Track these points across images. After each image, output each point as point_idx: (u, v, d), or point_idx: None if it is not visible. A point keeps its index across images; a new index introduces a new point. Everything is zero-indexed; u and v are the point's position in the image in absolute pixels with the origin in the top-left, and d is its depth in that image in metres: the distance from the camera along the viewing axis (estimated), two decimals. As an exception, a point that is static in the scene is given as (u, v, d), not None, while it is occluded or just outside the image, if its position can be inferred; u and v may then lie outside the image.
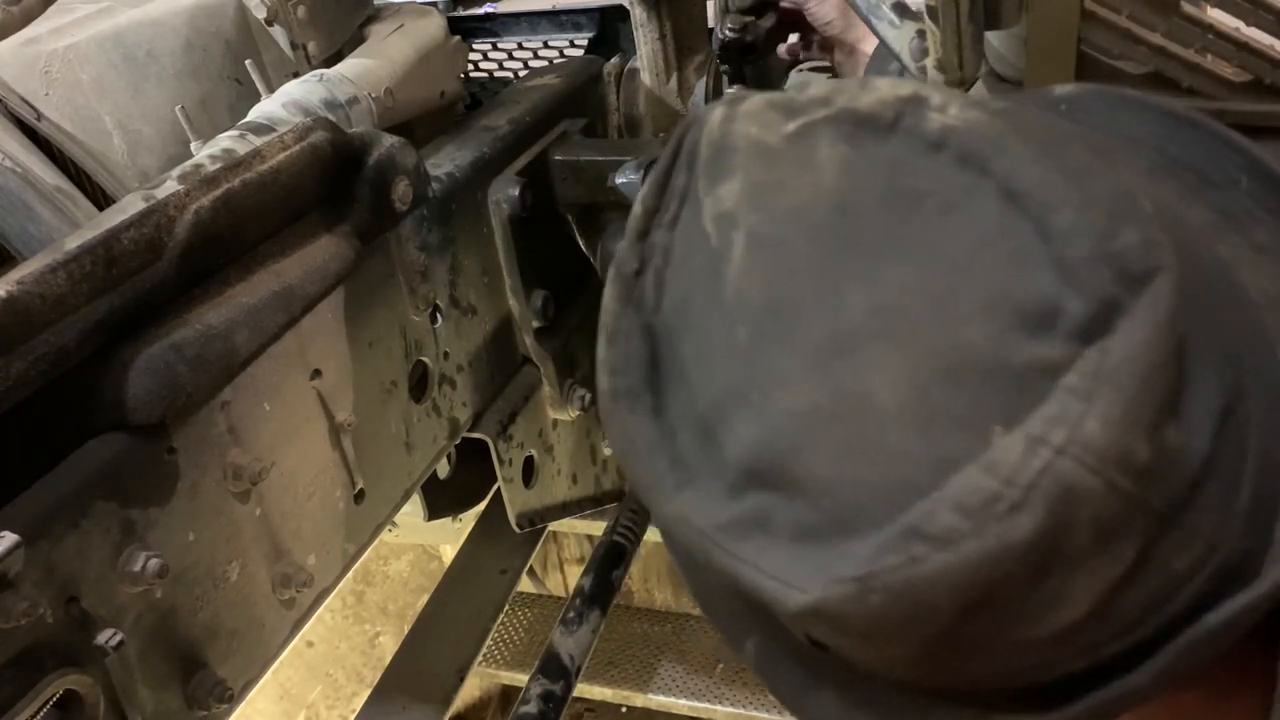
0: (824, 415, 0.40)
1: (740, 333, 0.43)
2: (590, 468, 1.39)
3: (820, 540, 0.41)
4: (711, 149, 0.47)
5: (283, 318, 0.82)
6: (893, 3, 0.87)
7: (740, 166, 0.45)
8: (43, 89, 1.05)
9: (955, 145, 0.41)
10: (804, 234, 0.43)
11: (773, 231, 0.43)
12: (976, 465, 0.37)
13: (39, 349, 0.66)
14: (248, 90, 1.16)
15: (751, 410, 0.42)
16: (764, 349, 0.42)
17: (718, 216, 0.45)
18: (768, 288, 0.43)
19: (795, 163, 0.44)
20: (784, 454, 0.41)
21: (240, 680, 0.80)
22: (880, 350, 0.40)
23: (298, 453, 0.86)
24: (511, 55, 1.57)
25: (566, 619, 1.26)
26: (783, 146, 0.44)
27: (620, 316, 0.49)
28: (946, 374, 0.39)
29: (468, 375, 1.13)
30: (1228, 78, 0.80)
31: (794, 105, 0.45)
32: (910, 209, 0.41)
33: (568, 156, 1.17)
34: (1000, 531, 0.37)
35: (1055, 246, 0.38)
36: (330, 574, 0.91)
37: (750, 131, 0.46)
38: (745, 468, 0.43)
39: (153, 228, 0.73)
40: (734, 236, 0.44)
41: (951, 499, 0.37)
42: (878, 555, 0.39)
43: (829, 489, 0.40)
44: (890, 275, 0.40)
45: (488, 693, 2.40)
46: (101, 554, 0.67)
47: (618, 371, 0.49)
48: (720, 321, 0.44)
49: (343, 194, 0.92)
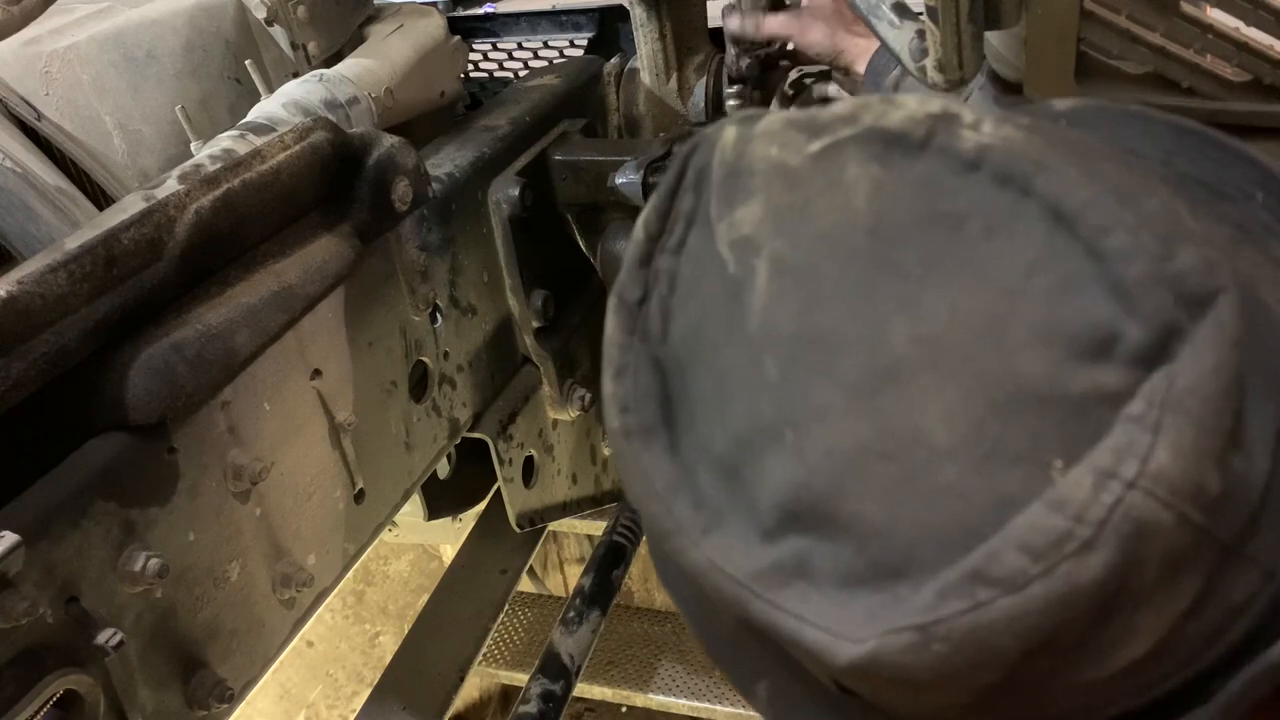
0: (870, 453, 0.38)
1: (768, 365, 0.41)
2: (590, 468, 1.39)
3: (870, 586, 0.39)
4: (725, 171, 0.45)
5: (283, 317, 0.82)
6: (893, 3, 0.87)
7: (760, 189, 0.43)
8: (43, 89, 1.05)
9: (993, 164, 0.39)
10: (836, 259, 0.41)
11: (801, 257, 0.41)
12: (1042, 503, 0.36)
13: (39, 349, 0.66)
14: (248, 90, 1.16)
15: (786, 448, 0.40)
16: (798, 382, 0.40)
17: (736, 242, 0.43)
18: (798, 317, 0.41)
19: (821, 184, 0.42)
20: (826, 495, 0.39)
21: (240, 680, 0.80)
22: (929, 382, 0.38)
23: (298, 453, 0.86)
24: (511, 55, 1.57)
25: (566, 619, 1.26)
26: (807, 167, 0.42)
27: (627, 349, 0.47)
28: (1001, 406, 0.37)
29: (468, 375, 1.13)
30: (1227, 78, 0.80)
31: (816, 124, 0.43)
32: (951, 232, 0.39)
33: (568, 156, 1.17)
34: (1069, 572, 0.35)
35: (1109, 269, 0.37)
36: (330, 574, 0.91)
37: (770, 152, 0.43)
38: (781, 510, 0.40)
39: (153, 228, 0.73)
40: (756, 263, 0.42)
41: (1017, 539, 0.36)
42: (939, 602, 0.37)
43: (878, 531, 0.38)
44: (934, 302, 0.39)
45: (488, 693, 2.40)
46: (101, 554, 0.67)
47: (629, 408, 0.46)
48: (742, 353, 0.42)
49: (343, 194, 0.92)
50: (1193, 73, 0.79)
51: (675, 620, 2.18)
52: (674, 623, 2.18)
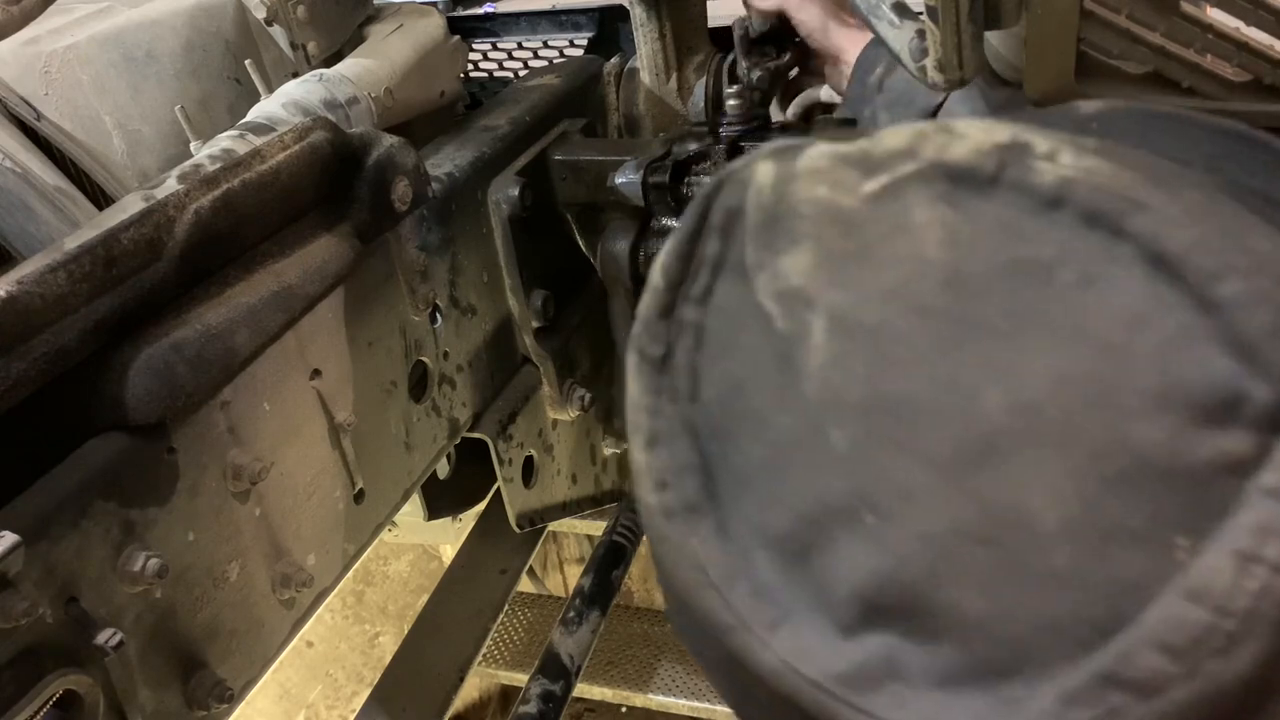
0: (968, 536, 0.35)
1: (835, 436, 0.37)
2: (590, 468, 1.39)
3: (977, 687, 0.35)
4: (764, 214, 0.40)
5: (282, 317, 0.82)
6: (893, 3, 0.87)
7: (809, 234, 0.39)
8: (43, 89, 1.05)
9: (1077, 201, 0.35)
10: (907, 316, 0.36)
11: (865, 313, 0.37)
12: (1175, 592, 0.32)
13: (39, 349, 0.66)
14: (248, 90, 1.16)
15: (865, 531, 0.36)
16: (874, 456, 0.36)
17: (783, 293, 0.39)
18: (868, 381, 0.36)
19: (883, 230, 0.38)
20: (917, 584, 0.35)
21: (240, 680, 0.80)
22: (1031, 456, 0.34)
23: (297, 453, 0.86)
24: (511, 55, 1.58)
25: (566, 619, 1.26)
26: (864, 210, 0.38)
27: (656, 413, 0.42)
28: (1115, 480, 0.33)
29: (467, 375, 1.13)
30: (1228, 78, 0.80)
31: (871, 160, 0.39)
32: (1038, 282, 0.35)
33: (568, 156, 1.17)
34: (1215, 671, 0.32)
35: (1225, 321, 0.33)
36: (330, 574, 0.91)
37: (818, 193, 0.39)
38: (864, 601, 0.36)
39: (152, 228, 0.73)
40: (809, 318, 0.38)
41: (1152, 636, 0.32)
42: (1064, 709, 0.33)
43: (981, 625, 0.34)
44: (1030, 365, 0.35)
45: (488, 693, 2.40)
46: (101, 554, 0.67)
47: (667, 484, 0.41)
48: (799, 420, 0.38)
49: (342, 194, 0.92)
50: (1193, 73, 0.79)
51: (675, 620, 2.18)
52: (674, 623, 2.18)
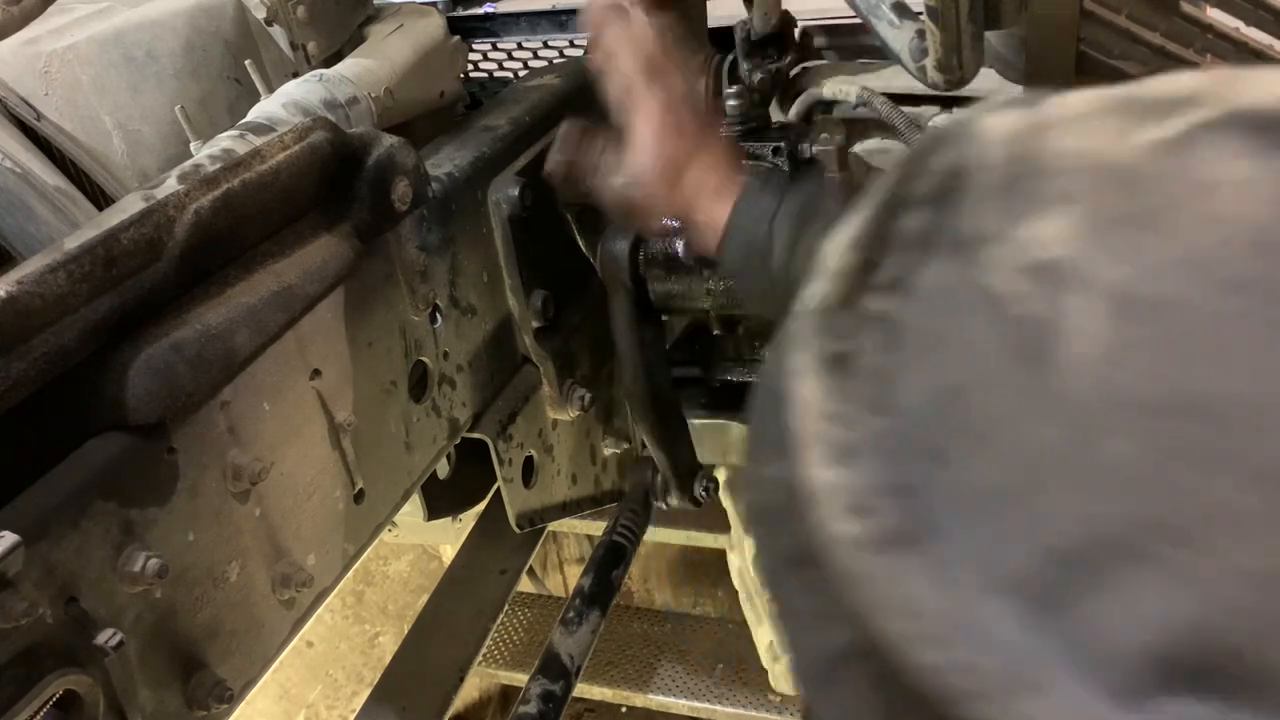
0: None
1: (1113, 449, 0.30)
2: (590, 468, 1.39)
3: None
4: (1000, 174, 0.35)
5: (282, 318, 0.82)
6: (893, 3, 0.87)
7: (1072, 194, 0.33)
8: (43, 89, 1.05)
9: None
10: (1213, 293, 0.30)
11: (1155, 289, 0.31)
12: None
13: (39, 349, 0.66)
14: (248, 90, 1.16)
15: (1160, 569, 0.29)
16: (1174, 474, 0.29)
17: (1031, 270, 0.32)
18: (1163, 378, 0.30)
19: (1172, 188, 0.32)
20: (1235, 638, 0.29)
21: (240, 680, 0.80)
22: None
23: (297, 453, 0.86)
24: (511, 55, 1.58)
25: (566, 619, 1.26)
26: (1147, 164, 0.32)
27: (853, 423, 0.35)
28: None
29: (467, 375, 1.13)
30: (1227, 78, 0.80)
31: (1147, 105, 0.34)
32: None
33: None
34: None
35: None
36: (330, 574, 0.91)
37: (1081, 145, 0.34)
38: (1154, 658, 0.29)
39: (152, 228, 0.73)
40: (1071, 298, 0.31)
41: None
42: None
43: None
44: None
45: (487, 693, 2.40)
46: (101, 554, 0.67)
47: (867, 509, 0.34)
48: (1053, 430, 0.31)
49: (342, 194, 0.92)
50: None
51: (675, 620, 2.18)
52: (674, 623, 2.18)
